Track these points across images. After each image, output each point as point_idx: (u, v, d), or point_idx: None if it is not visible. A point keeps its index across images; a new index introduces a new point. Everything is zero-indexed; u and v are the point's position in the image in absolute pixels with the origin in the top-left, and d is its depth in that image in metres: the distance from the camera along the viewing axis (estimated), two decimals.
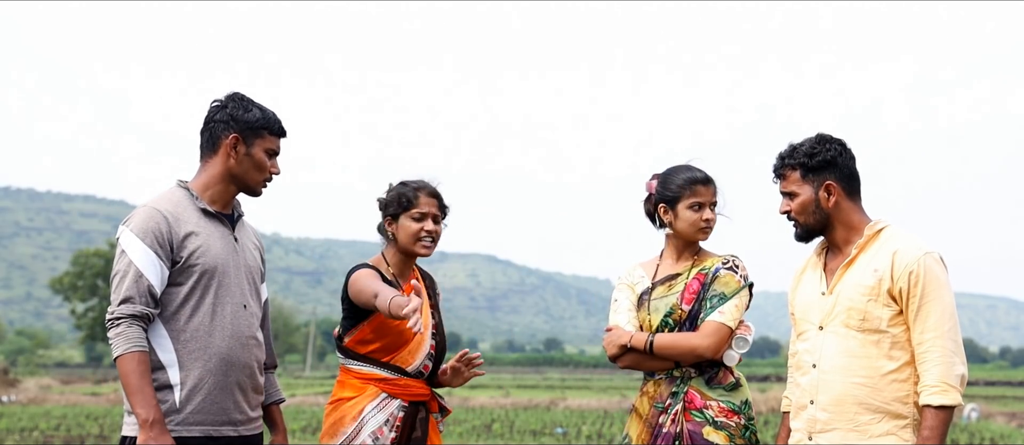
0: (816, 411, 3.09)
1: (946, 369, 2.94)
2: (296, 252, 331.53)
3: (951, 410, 2.95)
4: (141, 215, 3.07)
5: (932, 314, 2.98)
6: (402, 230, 3.48)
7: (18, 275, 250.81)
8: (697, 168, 3.46)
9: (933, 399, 2.93)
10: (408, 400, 3.42)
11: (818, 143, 3.14)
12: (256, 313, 3.26)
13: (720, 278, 3.40)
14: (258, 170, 3.20)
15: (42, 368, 52.02)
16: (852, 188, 3.16)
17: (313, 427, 15.89)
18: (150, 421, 2.91)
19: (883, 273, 3.03)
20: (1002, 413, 24.08)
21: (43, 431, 15.72)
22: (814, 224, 3.16)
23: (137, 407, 2.92)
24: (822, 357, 3.09)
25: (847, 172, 3.15)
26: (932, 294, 2.99)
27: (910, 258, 3.01)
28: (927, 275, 2.99)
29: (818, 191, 3.13)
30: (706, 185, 3.43)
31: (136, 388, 2.93)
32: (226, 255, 3.16)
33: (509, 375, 58.56)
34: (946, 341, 2.97)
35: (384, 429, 3.38)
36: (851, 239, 3.14)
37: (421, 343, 3.47)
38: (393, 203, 3.49)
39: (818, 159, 3.12)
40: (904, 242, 3.05)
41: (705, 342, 3.33)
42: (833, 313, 3.10)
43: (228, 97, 3.21)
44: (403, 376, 3.43)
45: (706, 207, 3.42)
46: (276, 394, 3.41)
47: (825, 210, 3.14)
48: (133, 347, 2.95)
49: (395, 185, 3.55)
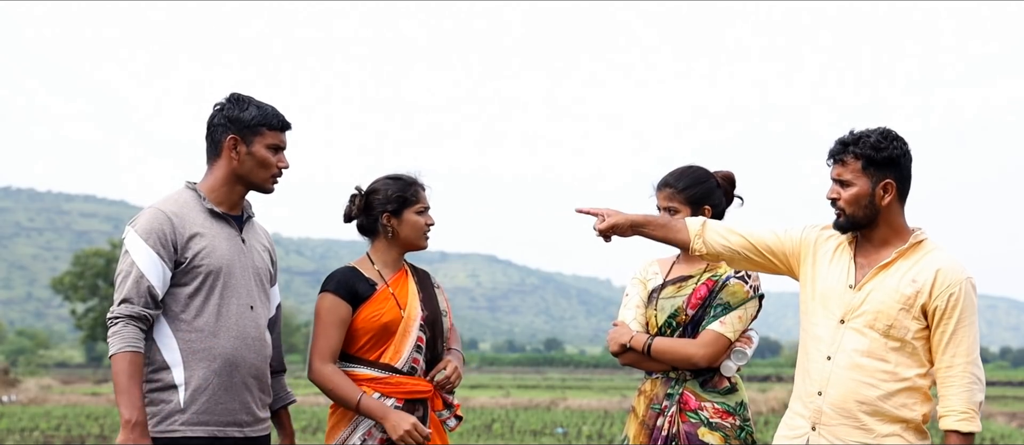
0: (823, 404, 3.08)
1: (971, 396, 2.98)
2: (296, 252, 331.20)
3: (973, 437, 2.99)
4: (146, 216, 3.08)
5: (964, 341, 3.00)
6: (406, 225, 3.48)
7: (18, 275, 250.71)
8: None
9: (961, 426, 2.96)
10: (402, 399, 3.40)
11: (886, 138, 3.06)
12: (263, 314, 3.26)
13: (728, 287, 3.41)
14: (262, 167, 3.20)
15: (42, 368, 51.90)
16: (904, 191, 3.11)
17: (313, 427, 15.91)
18: (132, 422, 2.92)
19: (922, 287, 3.01)
20: (1002, 413, 24.06)
21: (43, 431, 15.73)
22: (862, 218, 3.09)
23: (122, 407, 2.94)
24: (839, 351, 3.08)
25: (906, 174, 3.09)
26: (966, 320, 3.00)
27: (952, 280, 3.00)
28: (965, 301, 3.00)
29: (876, 187, 3.06)
30: None
31: (124, 388, 2.94)
32: (232, 256, 3.17)
33: (509, 375, 58.48)
34: (974, 368, 3.00)
35: (374, 430, 3.37)
36: (891, 241, 3.10)
37: (406, 335, 3.43)
38: (396, 199, 3.48)
39: (884, 154, 3.04)
40: (947, 262, 3.04)
41: (701, 352, 3.34)
42: (859, 310, 3.06)
43: (226, 98, 3.22)
44: (394, 374, 3.41)
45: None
46: (286, 397, 3.42)
47: (877, 207, 3.07)
48: (127, 347, 2.96)
49: (386, 180, 3.52)
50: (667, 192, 3.50)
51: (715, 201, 3.51)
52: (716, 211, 3.51)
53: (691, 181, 3.50)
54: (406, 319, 3.44)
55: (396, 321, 3.42)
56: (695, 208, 3.47)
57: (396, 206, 3.48)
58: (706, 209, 3.48)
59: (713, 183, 3.53)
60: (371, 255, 3.54)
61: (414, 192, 3.50)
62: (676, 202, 3.47)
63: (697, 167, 3.57)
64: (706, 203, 3.48)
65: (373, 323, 3.40)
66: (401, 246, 3.52)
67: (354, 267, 3.51)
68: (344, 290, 3.41)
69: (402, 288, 3.50)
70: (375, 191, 3.51)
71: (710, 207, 3.49)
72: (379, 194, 3.49)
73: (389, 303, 3.43)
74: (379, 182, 3.53)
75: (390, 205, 3.48)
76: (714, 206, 3.50)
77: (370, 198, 3.51)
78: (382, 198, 3.49)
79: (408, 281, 3.53)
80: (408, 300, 3.47)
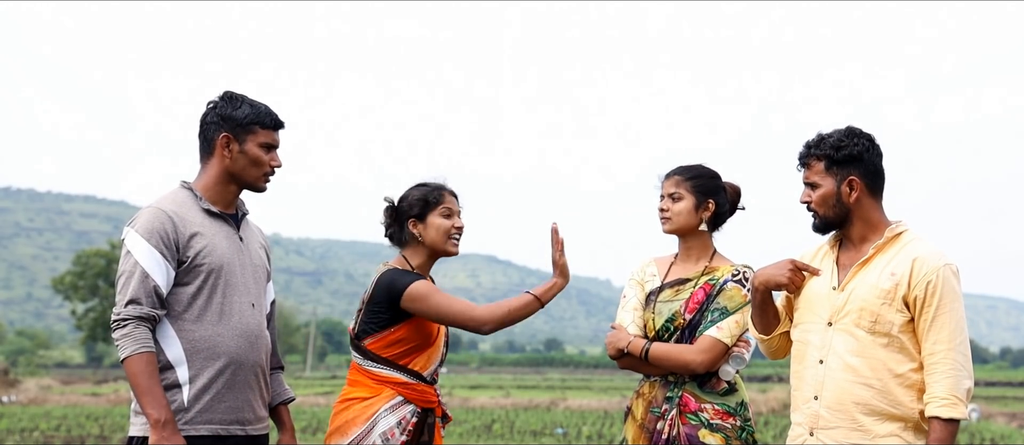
0: (820, 408, 3.08)
1: (955, 382, 2.95)
2: (296, 252, 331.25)
3: (957, 423, 2.96)
4: (146, 216, 3.08)
5: (945, 326, 2.98)
6: (432, 229, 3.46)
7: (18, 275, 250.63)
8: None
9: (942, 411, 2.93)
10: (422, 406, 3.40)
11: (846, 136, 3.10)
12: (263, 311, 3.27)
13: (726, 291, 3.40)
14: (255, 166, 3.20)
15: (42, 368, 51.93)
16: (875, 186, 3.13)
17: (313, 427, 15.90)
18: (162, 421, 2.92)
19: (900, 279, 3.01)
20: (1002, 413, 24.08)
21: (43, 431, 15.73)
22: (833, 217, 3.12)
23: (148, 408, 2.92)
24: (830, 354, 3.08)
25: (872, 169, 3.11)
26: (947, 306, 2.98)
27: (929, 268, 2.99)
28: (944, 287, 2.98)
29: (841, 185, 3.09)
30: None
31: (146, 389, 2.93)
32: (232, 254, 3.17)
33: (509, 375, 58.53)
34: (957, 354, 2.97)
35: (396, 431, 3.35)
36: (868, 237, 3.12)
37: (438, 347, 3.48)
38: (419, 203, 3.47)
39: (844, 153, 3.08)
40: (925, 250, 3.03)
41: (698, 358, 3.33)
42: (844, 311, 3.08)
43: (219, 96, 3.22)
44: (420, 381, 3.41)
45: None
46: (285, 394, 3.41)
47: (845, 205, 3.10)
48: (141, 348, 2.95)
49: (413, 187, 3.53)
50: (674, 179, 3.47)
51: (720, 201, 3.49)
52: (719, 212, 3.50)
53: (700, 173, 3.49)
54: (440, 331, 3.48)
55: (434, 332, 3.45)
56: (700, 199, 3.45)
57: (420, 210, 3.47)
58: (710, 203, 3.46)
59: (721, 184, 3.52)
60: (407, 259, 3.49)
61: (437, 196, 3.48)
62: (682, 189, 3.45)
63: (707, 166, 3.56)
64: (711, 198, 3.46)
65: (420, 330, 3.40)
66: (429, 252, 3.50)
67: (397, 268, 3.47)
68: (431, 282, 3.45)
69: None
70: (402, 199, 3.52)
71: (714, 203, 3.47)
72: (405, 201, 3.51)
73: None
74: (406, 191, 3.54)
75: (414, 210, 3.47)
76: (718, 205, 3.48)
77: (399, 207, 3.52)
78: (407, 205, 3.49)
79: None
80: None
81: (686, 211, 3.44)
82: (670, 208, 3.45)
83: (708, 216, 3.46)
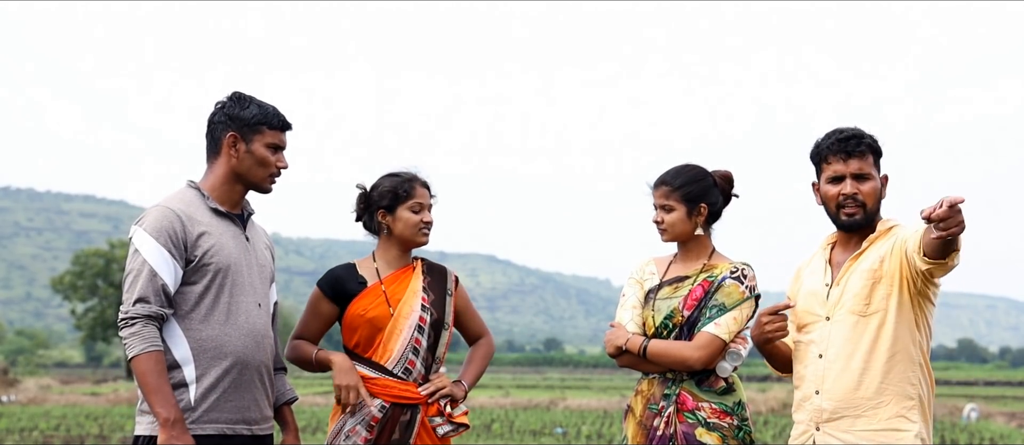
0: (822, 401, 3.10)
1: None
2: (296, 252, 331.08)
3: None
4: (154, 214, 3.09)
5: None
6: (401, 222, 3.50)
7: (18, 275, 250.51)
8: None
9: None
10: (389, 401, 3.40)
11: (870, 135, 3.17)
12: (268, 311, 3.29)
13: (724, 288, 3.41)
14: (261, 166, 3.21)
15: (42, 368, 51.95)
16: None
17: (313, 427, 15.91)
18: (171, 420, 2.93)
19: (885, 253, 3.07)
20: (1002, 413, 24.08)
21: (43, 431, 15.73)
22: (874, 214, 3.17)
23: (157, 407, 2.94)
24: (829, 346, 3.11)
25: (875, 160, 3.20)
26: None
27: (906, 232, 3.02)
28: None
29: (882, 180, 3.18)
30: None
31: (155, 387, 2.95)
32: (239, 254, 3.19)
33: (509, 375, 58.50)
34: None
35: (358, 427, 3.38)
36: (867, 235, 3.17)
37: (396, 334, 3.45)
38: (389, 195, 3.50)
39: (879, 149, 3.17)
40: (908, 227, 3.07)
41: (695, 355, 3.34)
42: (840, 303, 3.12)
43: (228, 97, 3.24)
44: (383, 375, 3.42)
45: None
46: (288, 394, 3.43)
47: (880, 201, 3.18)
48: (150, 347, 2.97)
49: (383, 177, 3.55)
50: (663, 190, 3.49)
51: (712, 200, 3.50)
52: (713, 210, 3.50)
53: (688, 179, 3.49)
54: (396, 318, 3.45)
55: (384, 318, 3.44)
56: (691, 206, 3.46)
57: (389, 202, 3.50)
58: (702, 207, 3.47)
59: (710, 181, 3.52)
60: (375, 253, 3.58)
61: (407, 188, 3.50)
62: (672, 200, 3.46)
63: (694, 165, 3.56)
64: (702, 201, 3.48)
65: (360, 319, 3.45)
66: (399, 243, 3.53)
67: (351, 264, 3.56)
68: (327, 285, 3.52)
69: (399, 286, 3.51)
70: (373, 188, 3.55)
71: (706, 205, 3.48)
72: (376, 191, 3.53)
73: (378, 300, 3.46)
74: (378, 180, 3.56)
75: (384, 201, 3.50)
76: (711, 205, 3.49)
77: (370, 196, 3.54)
78: (377, 195, 3.52)
79: (411, 280, 3.53)
80: (403, 299, 3.48)
81: (680, 221, 3.46)
82: (664, 219, 3.48)
83: (702, 220, 3.48)
